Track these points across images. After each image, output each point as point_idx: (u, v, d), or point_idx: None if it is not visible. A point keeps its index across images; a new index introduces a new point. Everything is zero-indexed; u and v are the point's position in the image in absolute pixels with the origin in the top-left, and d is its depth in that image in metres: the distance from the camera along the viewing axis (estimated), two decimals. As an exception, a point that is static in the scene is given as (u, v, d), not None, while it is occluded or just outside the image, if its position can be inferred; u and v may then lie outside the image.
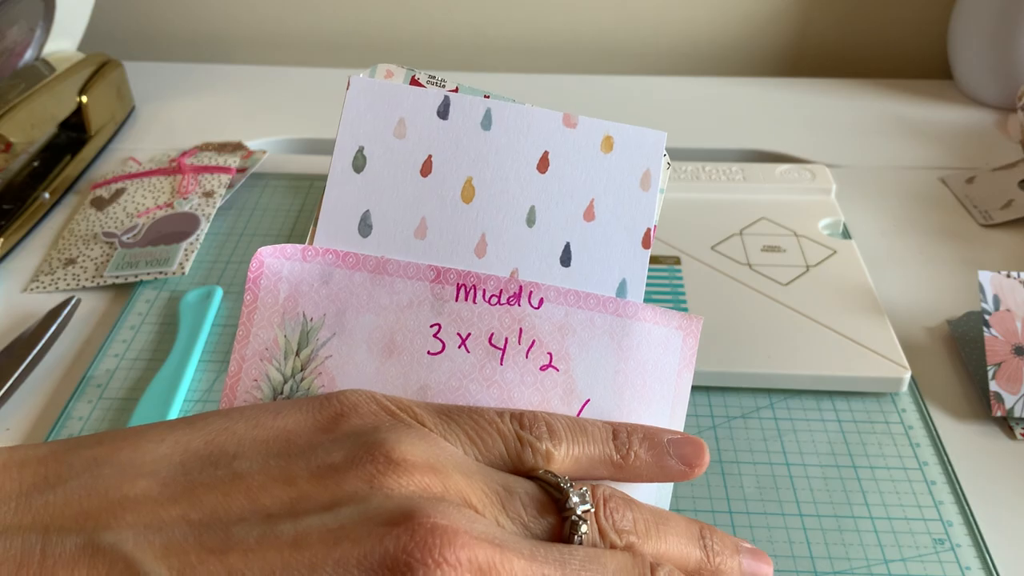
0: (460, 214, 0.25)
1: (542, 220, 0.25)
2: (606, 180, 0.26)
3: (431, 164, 0.25)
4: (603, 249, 0.26)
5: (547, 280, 0.25)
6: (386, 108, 0.25)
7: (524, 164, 0.25)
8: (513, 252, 0.25)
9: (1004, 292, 0.50)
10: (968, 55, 0.80)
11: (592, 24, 0.90)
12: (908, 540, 0.41)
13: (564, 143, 0.26)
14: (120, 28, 0.91)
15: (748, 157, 0.73)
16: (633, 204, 0.27)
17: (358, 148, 0.25)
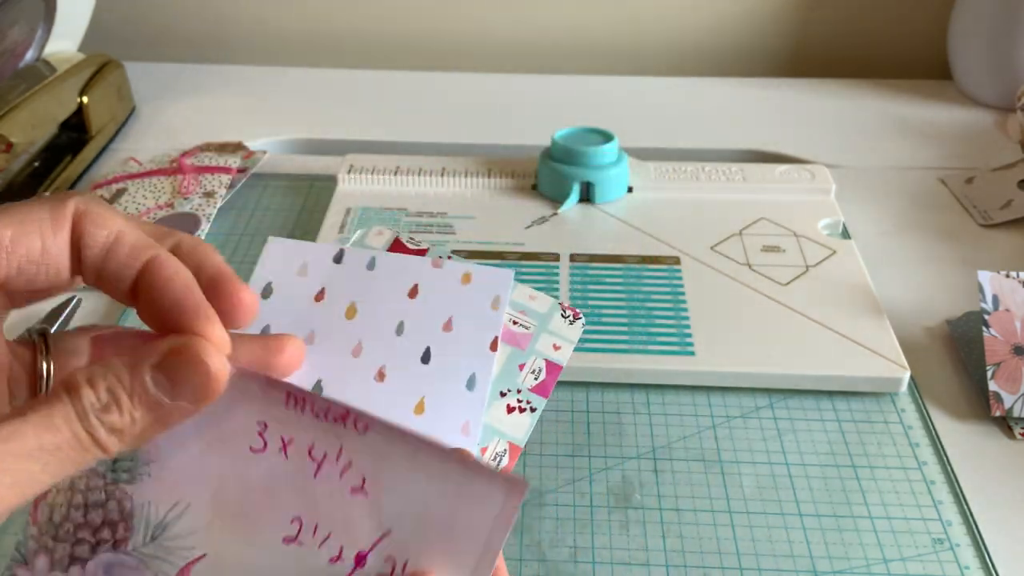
0: (343, 327, 0.31)
1: (409, 330, 0.31)
2: (463, 303, 0.32)
3: (324, 293, 0.32)
4: (456, 351, 0.31)
5: (409, 372, 0.31)
6: (295, 257, 0.32)
7: (398, 292, 0.32)
8: (383, 354, 0.31)
9: (1003, 292, 0.50)
10: (968, 55, 0.80)
11: (592, 24, 0.90)
12: (907, 540, 0.41)
13: (431, 278, 0.33)
14: (121, 29, 0.91)
15: (748, 157, 0.74)
16: (483, 319, 0.32)
17: (267, 283, 0.32)
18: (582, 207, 0.62)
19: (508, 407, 0.32)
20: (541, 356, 0.33)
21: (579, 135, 0.63)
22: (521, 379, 0.33)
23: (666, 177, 0.64)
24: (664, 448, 0.46)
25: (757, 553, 0.41)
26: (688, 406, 0.49)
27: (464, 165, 0.66)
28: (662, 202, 0.63)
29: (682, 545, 0.41)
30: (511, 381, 0.32)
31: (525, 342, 0.33)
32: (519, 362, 0.33)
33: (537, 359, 0.33)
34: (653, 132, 0.76)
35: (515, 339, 0.33)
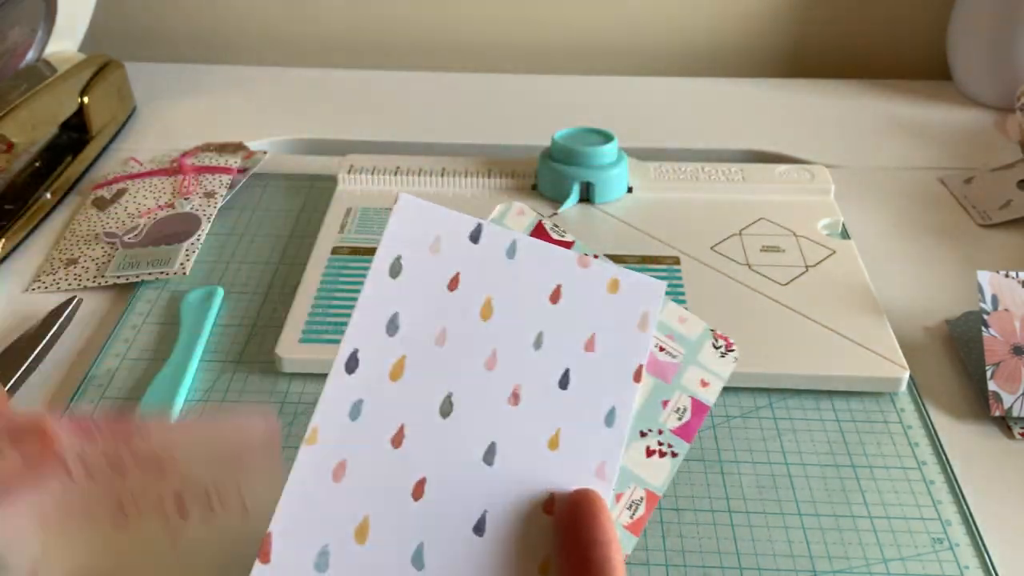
0: (477, 329, 0.27)
1: (548, 345, 0.28)
2: (608, 318, 0.28)
3: (458, 280, 0.28)
4: (598, 378, 0.28)
5: (546, 397, 0.27)
6: (425, 226, 0.28)
7: (540, 293, 0.28)
8: (519, 370, 0.27)
9: (1003, 292, 0.50)
10: (967, 56, 0.80)
11: (592, 24, 0.90)
12: (907, 539, 0.42)
13: (575, 280, 0.28)
14: (121, 29, 0.91)
15: (747, 157, 0.74)
16: (629, 342, 0.28)
17: (396, 256, 0.27)
18: (582, 207, 0.62)
19: (648, 450, 0.29)
20: (687, 392, 0.29)
21: (579, 135, 0.63)
22: (664, 418, 0.29)
23: (666, 177, 0.65)
24: (664, 448, 0.46)
25: (757, 553, 0.41)
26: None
27: (464, 165, 0.66)
28: (662, 202, 0.63)
29: (682, 545, 0.41)
30: (653, 420, 0.29)
31: (671, 373, 0.29)
32: (663, 398, 0.29)
33: (683, 396, 0.29)
34: (653, 132, 0.76)
35: (660, 369, 0.29)
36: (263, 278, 0.58)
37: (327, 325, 0.52)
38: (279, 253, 0.61)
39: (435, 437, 0.26)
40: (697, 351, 0.30)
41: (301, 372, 0.50)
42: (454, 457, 0.26)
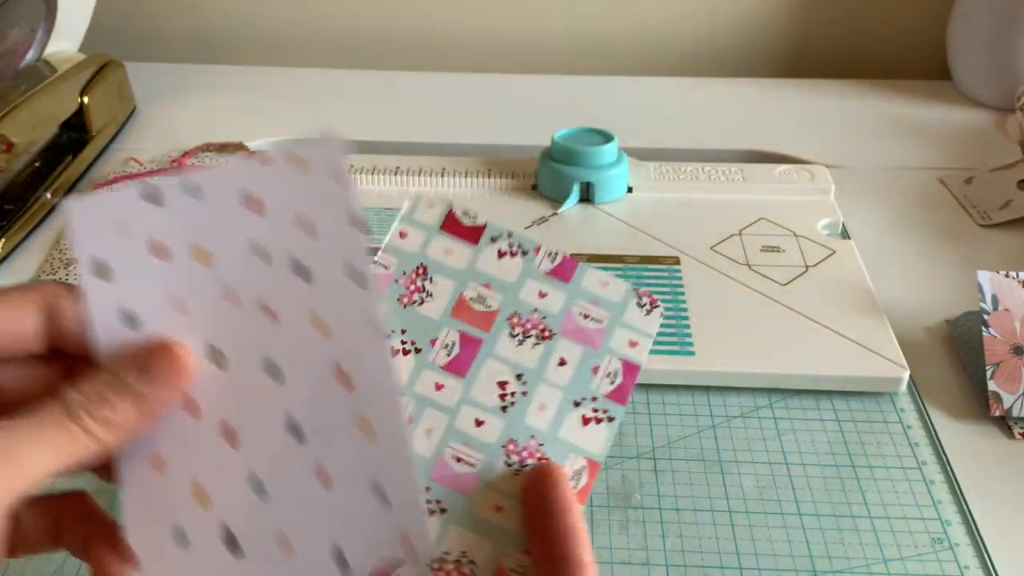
0: (203, 277, 0.27)
1: (269, 249, 0.28)
2: (306, 193, 0.28)
3: (163, 248, 0.28)
4: (323, 247, 0.28)
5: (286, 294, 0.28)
6: (108, 217, 0.28)
7: (237, 213, 0.28)
8: (256, 289, 0.28)
9: (1003, 292, 0.50)
10: (967, 56, 0.80)
11: (592, 24, 0.90)
12: (907, 539, 0.42)
13: (263, 179, 0.28)
14: (121, 29, 0.91)
15: (747, 158, 0.74)
16: (333, 200, 0.28)
17: (92, 259, 0.27)
18: (582, 207, 0.62)
19: (584, 418, 0.29)
20: (617, 356, 0.29)
21: (579, 135, 0.63)
22: (596, 385, 0.29)
23: (666, 177, 0.65)
24: (664, 448, 0.46)
25: (757, 553, 0.41)
26: (688, 406, 0.49)
27: (464, 165, 0.66)
28: (662, 202, 0.63)
29: (682, 545, 0.41)
30: (584, 388, 0.29)
31: (598, 339, 0.29)
32: (592, 364, 0.29)
33: (612, 359, 0.29)
34: (653, 132, 0.76)
35: (586, 336, 0.29)
36: (263, 278, 0.58)
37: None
38: (279, 253, 0.61)
39: (219, 388, 0.27)
40: (622, 312, 0.30)
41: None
42: (243, 392, 0.27)
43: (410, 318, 0.30)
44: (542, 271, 0.30)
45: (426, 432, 0.29)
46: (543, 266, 0.31)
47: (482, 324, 0.30)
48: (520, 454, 0.29)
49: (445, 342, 0.30)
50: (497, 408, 0.29)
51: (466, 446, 0.29)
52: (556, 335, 0.30)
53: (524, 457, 0.29)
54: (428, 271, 0.31)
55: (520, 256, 0.31)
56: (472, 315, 0.30)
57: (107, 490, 0.28)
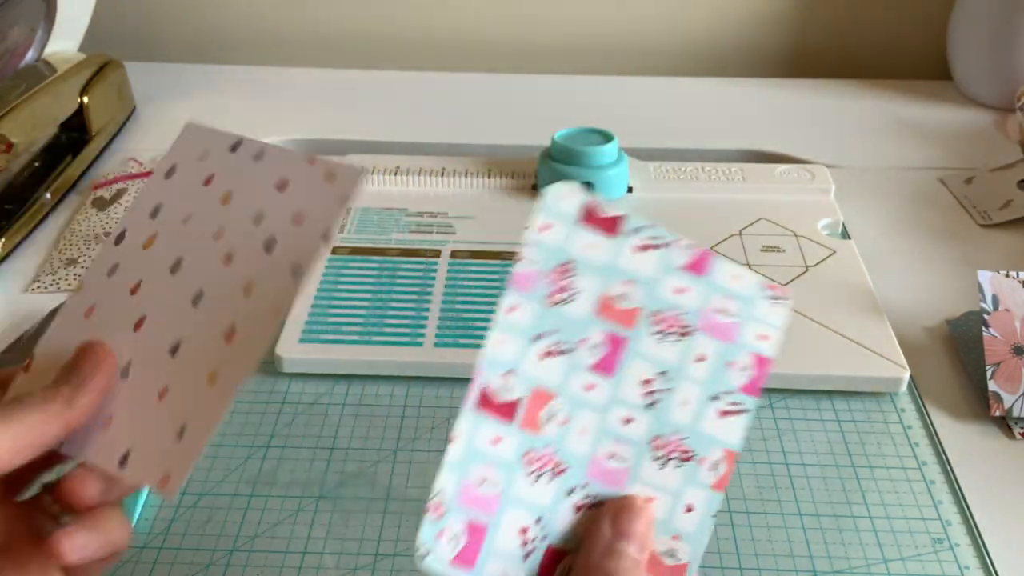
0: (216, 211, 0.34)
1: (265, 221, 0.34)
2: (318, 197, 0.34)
3: (212, 179, 0.35)
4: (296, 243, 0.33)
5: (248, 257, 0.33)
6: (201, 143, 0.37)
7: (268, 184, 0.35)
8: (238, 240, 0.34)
9: (1003, 292, 0.50)
10: (967, 56, 0.80)
11: (592, 25, 0.90)
12: (907, 539, 0.42)
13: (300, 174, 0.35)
14: (121, 29, 0.91)
15: (748, 157, 0.74)
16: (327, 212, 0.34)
17: (173, 164, 0.36)
18: (582, 207, 0.62)
19: (720, 412, 0.30)
20: (748, 349, 0.30)
21: (579, 135, 0.63)
22: (731, 379, 0.30)
23: (666, 177, 0.65)
24: (664, 448, 0.46)
25: (757, 553, 0.41)
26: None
27: (464, 165, 0.66)
28: (662, 202, 0.63)
29: (682, 545, 0.41)
30: (721, 382, 0.30)
31: (732, 334, 0.30)
32: (727, 360, 0.30)
33: (745, 353, 0.30)
34: (653, 132, 0.76)
35: (721, 331, 0.30)
36: (263, 278, 0.58)
37: (327, 325, 0.52)
38: (279, 253, 0.61)
39: (163, 288, 0.34)
40: (753, 306, 0.30)
41: (301, 372, 0.50)
42: (171, 302, 0.33)
43: (558, 318, 0.30)
44: (678, 265, 0.31)
45: (580, 432, 0.30)
46: (678, 259, 0.31)
47: (626, 322, 0.31)
48: (666, 448, 0.30)
49: (593, 342, 0.30)
50: (643, 406, 0.30)
51: (617, 443, 0.30)
52: (694, 331, 0.30)
53: (669, 452, 0.30)
54: (572, 269, 0.31)
55: (656, 249, 0.31)
56: (616, 313, 0.30)
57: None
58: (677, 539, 0.29)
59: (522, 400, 0.30)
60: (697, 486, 0.30)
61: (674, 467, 0.30)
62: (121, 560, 0.40)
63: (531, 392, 0.30)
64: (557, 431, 0.30)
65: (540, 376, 0.30)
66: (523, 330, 0.30)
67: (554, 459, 0.30)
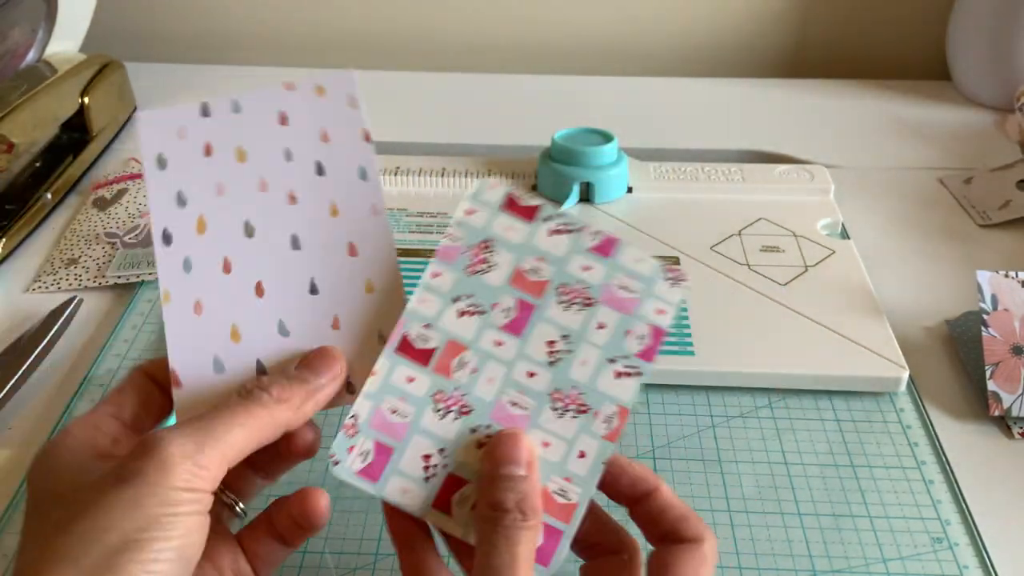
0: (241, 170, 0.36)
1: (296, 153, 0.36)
2: (327, 113, 0.37)
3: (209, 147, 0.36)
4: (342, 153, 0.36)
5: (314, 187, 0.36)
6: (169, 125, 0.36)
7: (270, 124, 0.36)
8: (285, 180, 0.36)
9: (1002, 292, 0.50)
10: (966, 56, 0.80)
11: (592, 25, 0.90)
12: (906, 539, 0.42)
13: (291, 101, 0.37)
14: (122, 29, 0.91)
15: (747, 158, 0.74)
16: (348, 120, 0.37)
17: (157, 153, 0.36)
18: (582, 207, 0.62)
19: (616, 372, 0.34)
20: (646, 321, 0.34)
21: (579, 135, 0.63)
22: (628, 345, 0.34)
23: (666, 177, 0.65)
24: (664, 448, 0.46)
25: (756, 552, 0.41)
26: (688, 406, 0.49)
27: (464, 165, 0.66)
28: (662, 202, 0.63)
29: (682, 544, 0.41)
30: (619, 348, 0.34)
31: (631, 307, 0.34)
32: (626, 328, 0.34)
33: (642, 324, 0.34)
34: (653, 132, 0.76)
35: (622, 304, 0.34)
36: (263, 278, 0.58)
37: (327, 325, 0.52)
38: (279, 253, 0.61)
39: (251, 252, 0.35)
40: (653, 285, 0.35)
41: (301, 372, 0.50)
42: (270, 257, 0.35)
43: (476, 285, 0.35)
44: (587, 247, 0.35)
45: (488, 380, 0.34)
46: (588, 243, 0.35)
47: (535, 292, 0.35)
48: (564, 401, 0.34)
49: (505, 306, 0.35)
50: (546, 363, 0.34)
51: (520, 393, 0.34)
52: (597, 303, 0.34)
53: (567, 404, 0.34)
54: (491, 245, 0.36)
55: (568, 234, 0.35)
56: (527, 284, 0.35)
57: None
58: (569, 481, 0.33)
59: (438, 349, 0.34)
60: (591, 436, 0.33)
61: (571, 418, 0.34)
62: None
63: (446, 343, 0.34)
64: (467, 378, 0.34)
65: (455, 331, 0.34)
66: (443, 293, 0.35)
67: (461, 401, 0.34)
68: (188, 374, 0.34)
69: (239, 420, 0.30)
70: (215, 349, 0.34)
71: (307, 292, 0.35)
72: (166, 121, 0.36)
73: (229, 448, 0.30)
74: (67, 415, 0.48)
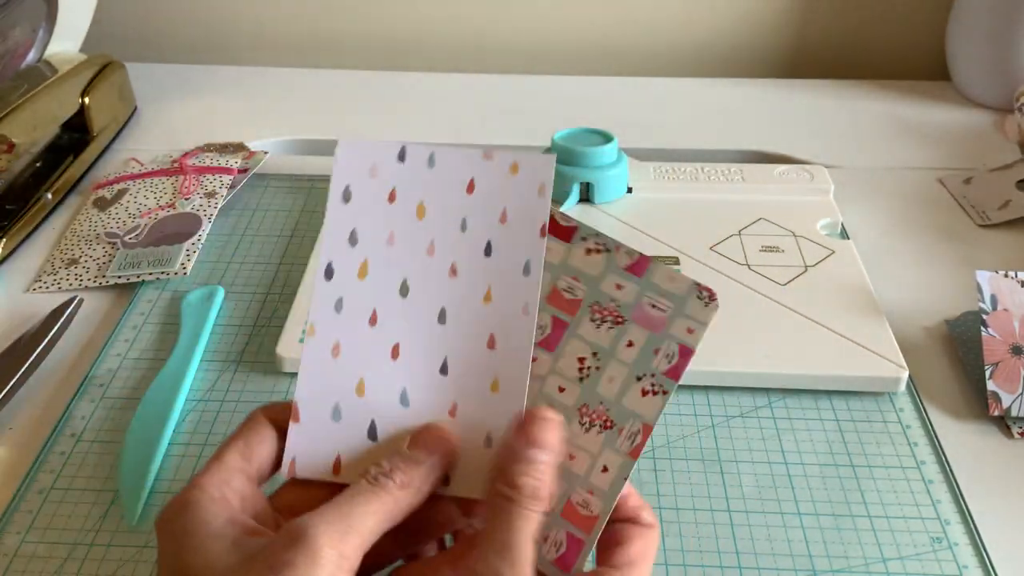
0: (416, 227, 0.35)
1: (471, 226, 0.35)
2: (514, 194, 0.35)
3: (395, 194, 0.36)
4: (513, 242, 0.35)
5: (476, 266, 0.35)
6: (365, 158, 0.36)
7: (458, 188, 0.36)
8: (453, 250, 0.35)
9: (1002, 292, 0.50)
10: (966, 56, 0.80)
11: (592, 25, 0.90)
12: (906, 539, 0.42)
13: (485, 171, 0.36)
14: (122, 29, 0.91)
15: (747, 158, 0.74)
16: (533, 207, 0.35)
17: (346, 185, 0.36)
18: (582, 207, 0.62)
19: (643, 391, 0.34)
20: (675, 340, 0.34)
21: (579, 136, 0.63)
22: (655, 363, 0.34)
23: (665, 178, 0.65)
24: (664, 448, 0.46)
25: (756, 552, 0.41)
26: (688, 406, 0.49)
27: (464, 165, 0.66)
28: (661, 202, 0.63)
29: (681, 544, 0.42)
30: (646, 366, 0.34)
31: (661, 326, 0.35)
32: (655, 346, 0.34)
33: (671, 343, 0.34)
34: (653, 132, 0.76)
35: (651, 323, 0.35)
36: (263, 278, 0.58)
37: (328, 325, 0.52)
38: (279, 253, 0.61)
39: (399, 312, 0.35)
40: (684, 304, 0.34)
41: (302, 372, 0.51)
42: (416, 324, 0.35)
43: None
44: (620, 266, 0.35)
45: None
46: (621, 262, 0.35)
47: (569, 310, 0.36)
48: (591, 416, 0.34)
49: (540, 324, 0.35)
50: (576, 379, 0.35)
51: (550, 406, 0.34)
52: (627, 321, 0.35)
53: (593, 419, 0.34)
54: None
55: (603, 253, 0.36)
56: (562, 302, 0.36)
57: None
58: (592, 494, 0.34)
59: None
60: (614, 451, 0.34)
61: (596, 432, 0.34)
62: (122, 560, 0.41)
63: None
64: None
65: None
66: None
67: None
68: (308, 413, 0.34)
69: (372, 508, 0.30)
70: (339, 397, 0.34)
71: (437, 370, 0.34)
72: (364, 154, 0.36)
73: (366, 537, 0.30)
74: (67, 415, 0.48)
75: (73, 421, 0.48)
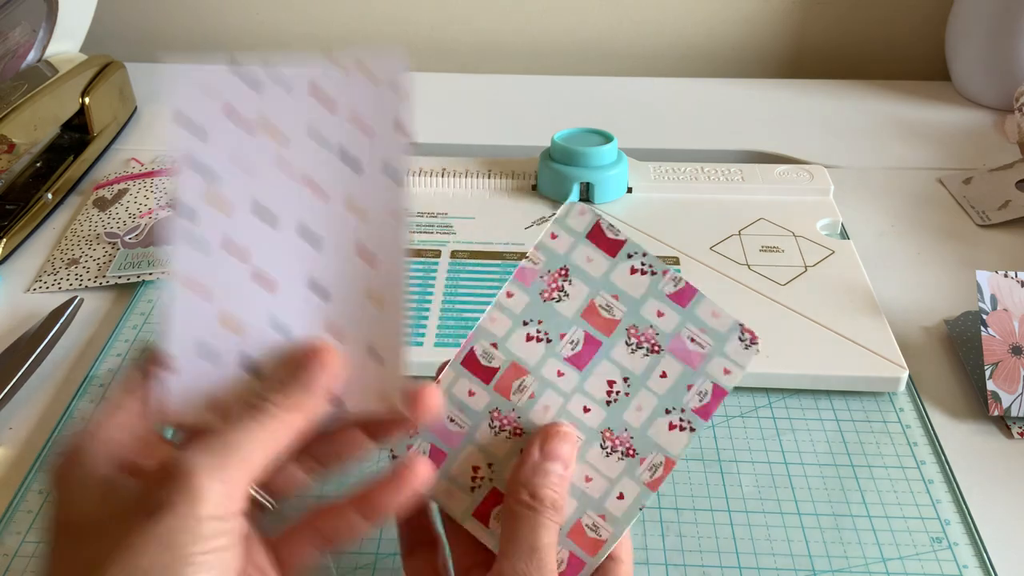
0: (266, 146, 0.33)
1: (324, 135, 0.33)
2: (364, 94, 0.35)
3: (238, 115, 0.34)
4: (370, 144, 0.34)
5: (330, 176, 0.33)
6: (200, 86, 0.35)
7: (303, 99, 0.33)
8: (307, 165, 0.33)
9: (1001, 292, 0.50)
10: (966, 56, 0.80)
11: (592, 25, 0.90)
12: (906, 539, 0.42)
13: (330, 76, 0.34)
14: (123, 29, 0.91)
15: (747, 158, 0.74)
16: (387, 106, 0.35)
17: (186, 117, 0.35)
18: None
19: (670, 424, 0.34)
20: (710, 379, 0.34)
21: (579, 136, 0.63)
22: (687, 399, 0.34)
23: (665, 178, 0.65)
24: (664, 447, 0.47)
25: (756, 552, 0.41)
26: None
27: (464, 165, 0.66)
28: (661, 203, 0.63)
29: (681, 544, 0.42)
30: (678, 400, 0.34)
31: (698, 362, 0.34)
32: (688, 382, 0.34)
33: (706, 381, 0.34)
34: (653, 132, 0.76)
35: (689, 357, 0.34)
36: (264, 278, 0.58)
37: (328, 325, 0.52)
38: (280, 253, 0.61)
39: (260, 237, 0.33)
40: (724, 344, 0.34)
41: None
42: (278, 245, 0.32)
43: (547, 312, 0.35)
44: (664, 292, 0.35)
45: (544, 408, 0.34)
46: (666, 288, 0.35)
47: (605, 329, 0.35)
48: (613, 441, 0.34)
49: (572, 339, 0.35)
50: (603, 401, 0.34)
51: (572, 426, 0.34)
52: (664, 351, 0.34)
53: (616, 444, 0.34)
54: (569, 274, 0.35)
55: (649, 275, 0.35)
56: (598, 320, 0.35)
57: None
58: (603, 519, 0.33)
59: (501, 369, 0.35)
60: (633, 480, 0.34)
61: (617, 459, 0.34)
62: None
63: (509, 364, 0.35)
64: (524, 402, 0.34)
65: (520, 354, 0.35)
66: (515, 314, 0.35)
67: (516, 423, 0.34)
68: (180, 360, 0.32)
69: (256, 435, 0.29)
70: (209, 336, 0.32)
71: (308, 290, 0.32)
72: (200, 83, 0.35)
73: (254, 467, 0.28)
74: (67, 415, 0.48)
75: (73, 421, 0.48)
